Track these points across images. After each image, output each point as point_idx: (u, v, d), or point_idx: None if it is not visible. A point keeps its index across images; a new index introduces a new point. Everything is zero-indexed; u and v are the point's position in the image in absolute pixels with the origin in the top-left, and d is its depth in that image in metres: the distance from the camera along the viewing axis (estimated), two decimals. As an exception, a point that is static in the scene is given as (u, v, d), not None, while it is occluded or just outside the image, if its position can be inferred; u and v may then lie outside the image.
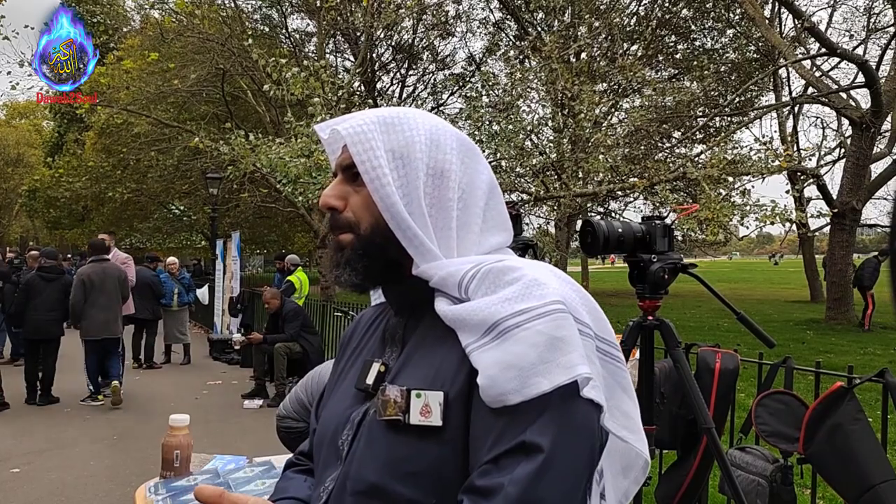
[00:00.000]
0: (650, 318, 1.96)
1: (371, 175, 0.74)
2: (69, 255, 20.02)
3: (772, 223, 7.32)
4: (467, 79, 17.82)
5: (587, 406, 0.66)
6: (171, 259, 9.25)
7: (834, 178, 17.25)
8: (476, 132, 8.95)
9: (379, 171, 0.74)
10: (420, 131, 0.78)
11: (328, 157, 0.86)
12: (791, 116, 16.79)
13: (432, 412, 0.68)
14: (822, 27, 14.14)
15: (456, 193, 0.77)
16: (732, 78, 15.93)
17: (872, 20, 16.11)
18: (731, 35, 16.11)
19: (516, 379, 0.63)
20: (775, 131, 18.51)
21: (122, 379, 6.37)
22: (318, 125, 0.84)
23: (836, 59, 14.30)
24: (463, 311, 0.69)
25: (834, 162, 15.07)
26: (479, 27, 18.93)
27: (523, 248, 2.27)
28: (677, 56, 16.37)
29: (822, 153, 14.18)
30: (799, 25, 10.96)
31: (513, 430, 0.63)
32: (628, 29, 14.39)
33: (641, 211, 17.82)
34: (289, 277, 8.30)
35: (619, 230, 1.83)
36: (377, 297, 0.91)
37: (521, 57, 11.76)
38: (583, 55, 11.03)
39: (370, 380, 0.78)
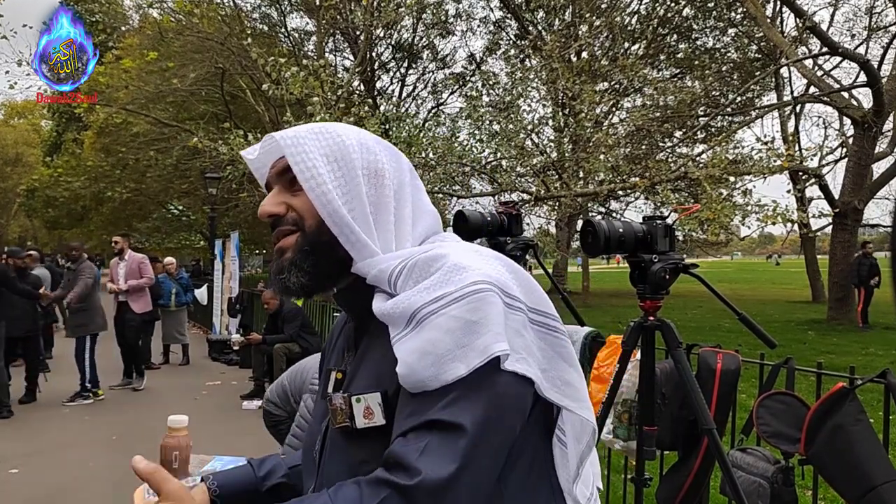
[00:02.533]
0: (651, 318, 1.95)
1: (307, 175, 0.75)
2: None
3: (773, 223, 7.31)
4: (467, 78, 17.81)
5: (509, 378, 0.66)
6: (169, 259, 9.23)
7: (836, 178, 17.28)
8: (476, 132, 8.94)
9: (315, 172, 0.76)
10: (350, 136, 0.80)
11: (258, 181, 0.87)
12: (793, 116, 16.76)
13: (374, 413, 0.70)
14: (824, 27, 14.13)
15: (392, 191, 0.80)
16: (734, 77, 15.92)
17: (874, 20, 16.10)
18: (732, 34, 16.10)
19: (433, 366, 0.64)
20: (777, 131, 18.49)
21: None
22: (244, 151, 0.85)
23: (838, 59, 14.29)
24: (388, 306, 0.70)
25: (836, 162, 15.04)
26: (479, 26, 18.93)
27: (523, 247, 2.26)
28: (679, 55, 16.36)
29: (824, 153, 14.12)
30: (800, 25, 10.93)
31: (425, 408, 0.64)
32: (629, 28, 14.38)
33: (642, 211, 17.82)
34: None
35: (620, 230, 1.82)
36: None
37: (521, 56, 11.75)
38: (584, 54, 11.02)
39: (330, 388, 0.81)
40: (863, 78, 11.75)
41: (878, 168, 13.49)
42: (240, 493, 0.93)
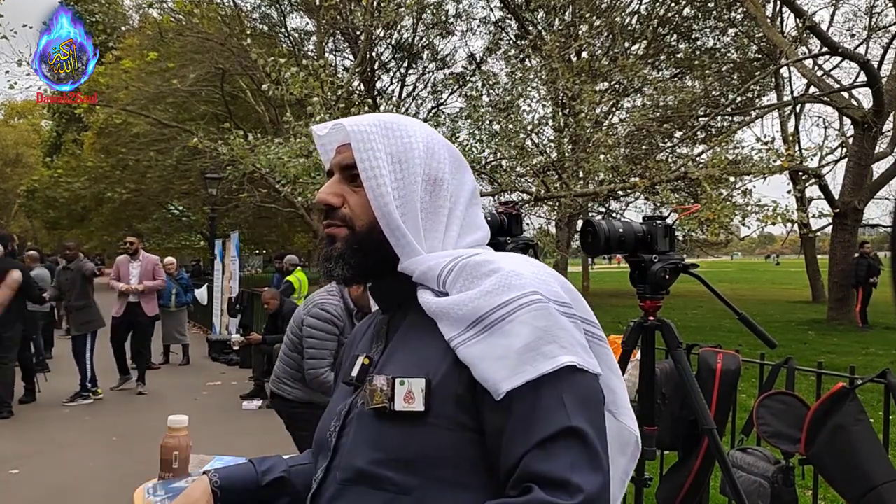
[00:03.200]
0: (651, 318, 1.94)
1: (369, 174, 0.77)
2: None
3: (773, 223, 7.30)
4: (467, 78, 17.81)
5: (590, 377, 0.71)
6: (169, 259, 9.22)
7: (836, 178, 17.26)
8: (476, 132, 8.93)
9: (377, 172, 0.77)
10: (417, 138, 0.81)
11: (321, 156, 0.89)
12: (793, 116, 16.76)
13: (415, 398, 0.71)
14: (824, 27, 14.13)
15: (447, 203, 0.82)
16: (734, 77, 15.92)
17: (874, 20, 16.10)
18: (732, 34, 16.10)
19: (504, 369, 0.67)
20: (777, 131, 18.49)
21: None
22: (316, 127, 0.87)
23: (838, 59, 14.30)
24: (447, 305, 0.72)
25: (836, 162, 15.05)
26: (479, 26, 18.92)
27: (523, 247, 2.26)
28: (679, 55, 16.35)
29: (824, 153, 14.14)
30: (800, 25, 10.93)
31: (550, 417, 0.66)
32: (629, 28, 14.38)
33: (642, 211, 17.82)
34: (288, 278, 8.28)
35: (620, 230, 1.82)
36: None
37: (521, 56, 11.74)
38: (584, 54, 11.01)
39: (354, 372, 0.82)
40: (863, 78, 11.75)
41: (878, 168, 13.50)
42: (239, 485, 0.94)
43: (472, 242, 0.85)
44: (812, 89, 14.27)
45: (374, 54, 18.03)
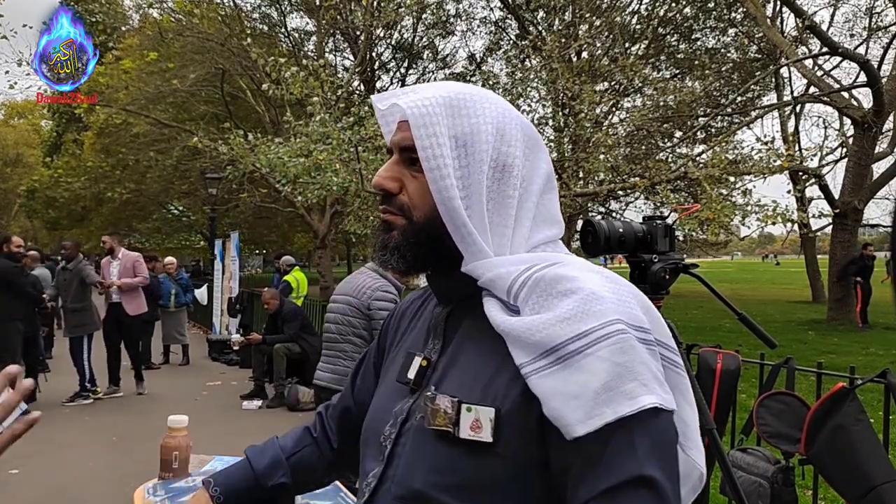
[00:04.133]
0: (651, 318, 1.94)
1: (432, 163, 0.70)
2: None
3: (773, 223, 7.30)
4: (468, 78, 17.81)
5: (667, 417, 0.64)
6: (169, 259, 9.22)
7: (836, 178, 17.30)
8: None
9: (440, 161, 0.70)
10: (487, 118, 0.73)
11: (382, 128, 0.82)
12: (793, 116, 16.77)
13: (483, 427, 0.66)
14: (824, 27, 14.13)
15: (517, 190, 0.74)
16: (734, 77, 15.92)
17: (874, 20, 16.10)
18: (732, 34, 16.10)
19: (580, 409, 0.61)
20: (777, 131, 18.50)
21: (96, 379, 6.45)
22: (376, 96, 0.78)
23: (838, 59, 14.29)
24: (519, 328, 0.66)
25: (836, 162, 15.03)
26: (479, 26, 18.92)
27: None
28: (679, 55, 16.35)
29: (824, 153, 14.12)
30: (800, 25, 10.93)
31: (621, 463, 0.61)
32: (629, 28, 14.38)
33: (642, 211, 17.80)
34: (285, 277, 8.30)
35: (620, 230, 1.81)
36: (423, 281, 0.88)
37: (521, 56, 11.74)
38: (584, 54, 11.01)
39: (412, 374, 0.77)
40: (863, 78, 11.74)
41: (878, 168, 13.49)
42: (243, 496, 0.94)
43: (545, 239, 0.77)
44: (812, 89, 14.27)
45: (374, 54, 18.03)
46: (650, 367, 0.64)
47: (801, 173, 11.79)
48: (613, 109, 12.01)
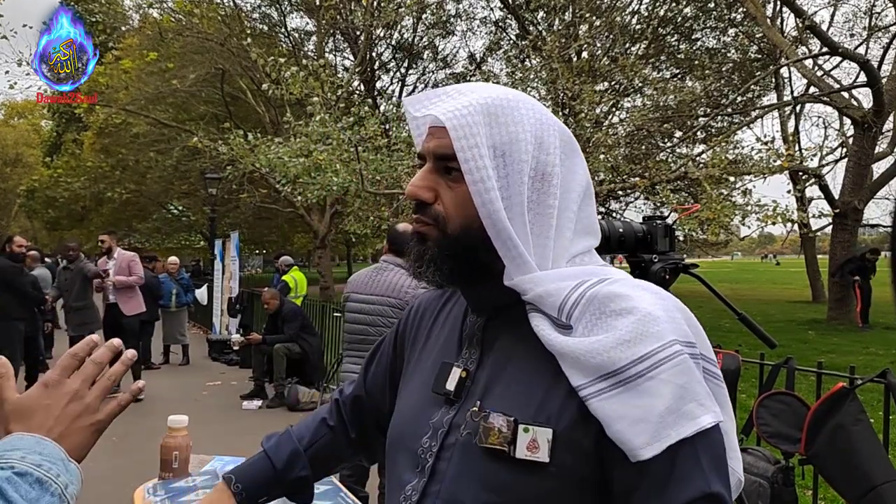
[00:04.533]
0: (651, 318, 1.94)
1: (475, 176, 0.68)
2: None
3: (773, 223, 7.30)
4: (468, 78, 17.82)
5: (719, 430, 0.66)
6: (172, 259, 9.22)
7: (836, 178, 17.26)
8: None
9: (484, 174, 0.68)
10: (526, 126, 0.71)
11: (412, 132, 0.80)
12: (793, 116, 16.78)
13: (540, 448, 0.66)
14: (824, 27, 14.14)
15: (556, 199, 0.72)
16: (734, 77, 15.92)
17: (874, 19, 16.11)
18: (732, 34, 16.10)
19: (645, 433, 0.61)
20: (777, 131, 18.51)
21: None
22: (408, 99, 0.76)
23: (838, 59, 14.29)
24: (578, 350, 0.65)
25: (836, 162, 15.04)
26: (479, 26, 18.92)
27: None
28: (679, 55, 16.36)
29: (824, 153, 14.14)
30: (800, 25, 10.94)
31: (689, 481, 0.62)
32: (629, 28, 14.38)
33: (642, 211, 17.81)
34: (283, 277, 8.30)
35: (620, 230, 1.81)
36: None
37: (521, 56, 11.74)
38: (584, 54, 11.01)
39: (450, 385, 0.75)
40: (863, 78, 11.74)
41: (878, 168, 13.49)
42: (262, 489, 0.95)
43: (584, 249, 0.76)
44: (812, 89, 14.27)
45: (374, 54, 18.04)
46: (703, 385, 0.65)
47: (801, 173, 11.79)
48: (613, 109, 12.01)
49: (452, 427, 0.73)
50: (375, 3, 9.99)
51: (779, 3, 14.82)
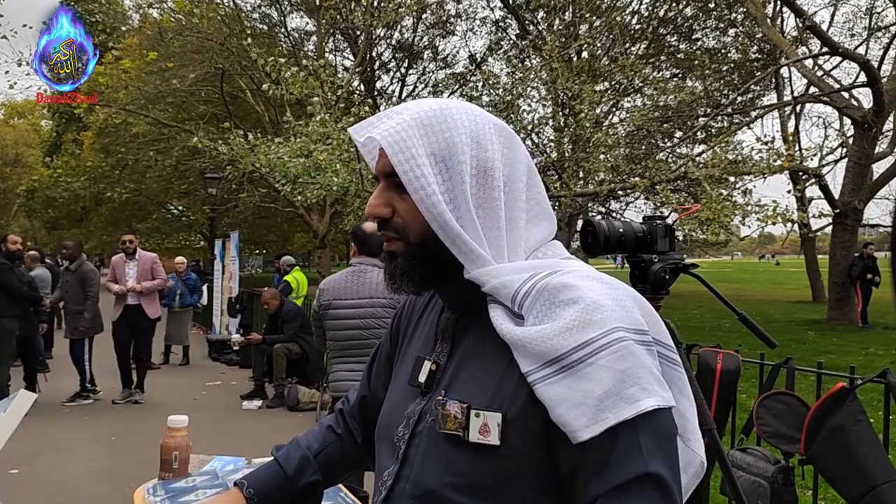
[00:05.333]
0: (651, 318, 1.94)
1: (415, 185, 0.73)
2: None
3: (773, 223, 7.30)
4: (468, 78, 17.82)
5: (667, 414, 0.68)
6: (180, 259, 9.21)
7: (836, 178, 17.30)
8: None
9: (423, 181, 0.73)
10: (460, 130, 0.75)
11: (365, 157, 0.85)
12: (793, 116, 16.77)
13: (490, 431, 0.70)
14: (824, 27, 14.12)
15: (501, 190, 0.76)
16: (734, 77, 15.92)
17: (874, 20, 16.10)
18: (733, 34, 16.10)
19: (583, 416, 0.64)
20: (777, 131, 18.51)
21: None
22: (353, 128, 0.80)
23: (838, 59, 14.29)
24: (524, 338, 0.69)
25: (836, 162, 15.03)
26: (480, 26, 18.92)
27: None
28: (679, 55, 16.36)
29: (824, 153, 14.12)
30: (800, 25, 10.94)
31: (627, 462, 0.65)
32: (629, 28, 14.38)
33: (642, 211, 17.82)
34: (285, 277, 8.29)
35: (620, 230, 1.82)
36: None
37: (521, 56, 11.74)
38: (584, 54, 11.02)
39: (422, 378, 0.81)
40: (863, 78, 11.74)
41: (878, 168, 13.48)
42: (274, 496, 0.97)
43: (543, 238, 0.80)
44: (812, 89, 14.27)
45: (374, 54, 18.03)
46: (650, 370, 0.67)
47: (801, 173, 11.79)
48: (613, 109, 12.02)
49: (422, 416, 0.78)
50: (375, 3, 10.00)
51: (779, 3, 14.81)
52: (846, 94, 13.06)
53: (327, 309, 3.06)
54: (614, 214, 18.16)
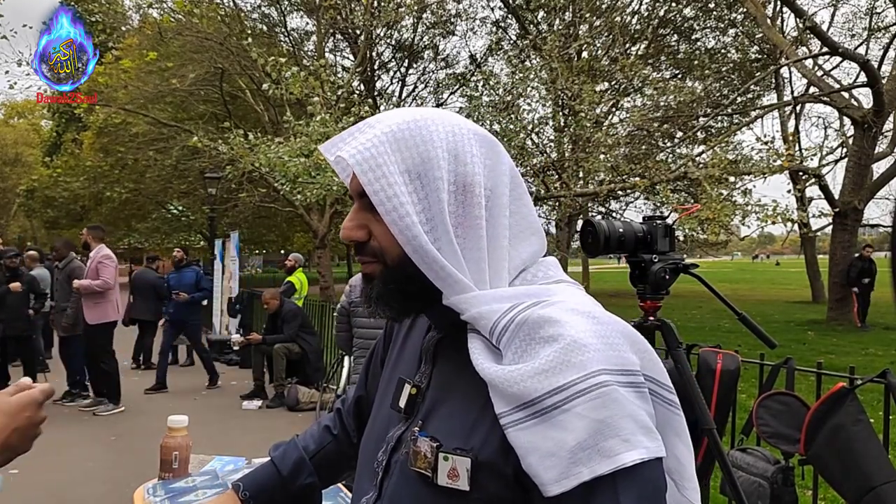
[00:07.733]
0: (651, 318, 1.94)
1: (387, 206, 0.67)
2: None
3: (773, 223, 7.31)
4: (468, 77, 17.81)
5: (654, 466, 0.62)
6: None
7: (836, 178, 17.29)
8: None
9: (395, 202, 0.67)
10: (437, 143, 0.69)
11: (339, 175, 0.80)
12: (793, 116, 16.78)
13: (459, 477, 0.66)
14: (824, 27, 14.12)
15: (483, 207, 0.70)
16: (734, 77, 15.93)
17: (874, 20, 16.10)
18: (733, 34, 16.11)
19: (554, 468, 0.59)
20: (777, 131, 18.50)
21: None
22: (323, 146, 0.75)
23: (838, 59, 14.30)
24: (497, 379, 0.63)
25: (836, 162, 15.06)
26: (480, 26, 18.92)
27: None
28: (679, 56, 16.36)
29: (824, 153, 14.14)
30: (800, 25, 10.94)
31: None
32: (630, 28, 14.38)
33: (642, 211, 17.84)
34: (289, 278, 8.27)
35: (620, 230, 1.82)
36: None
37: (522, 56, 11.75)
38: (584, 54, 11.02)
39: (402, 402, 0.77)
40: (863, 78, 11.74)
41: (878, 168, 13.49)
42: (270, 497, 0.97)
43: (530, 257, 0.74)
44: (812, 89, 14.27)
45: (374, 54, 18.03)
46: (636, 418, 0.61)
47: (801, 173, 11.80)
48: (613, 109, 12.02)
49: (399, 443, 0.75)
50: (375, 3, 9.99)
51: (779, 3, 14.81)
52: (846, 94, 13.07)
53: (359, 306, 3.01)
54: (614, 214, 18.17)
